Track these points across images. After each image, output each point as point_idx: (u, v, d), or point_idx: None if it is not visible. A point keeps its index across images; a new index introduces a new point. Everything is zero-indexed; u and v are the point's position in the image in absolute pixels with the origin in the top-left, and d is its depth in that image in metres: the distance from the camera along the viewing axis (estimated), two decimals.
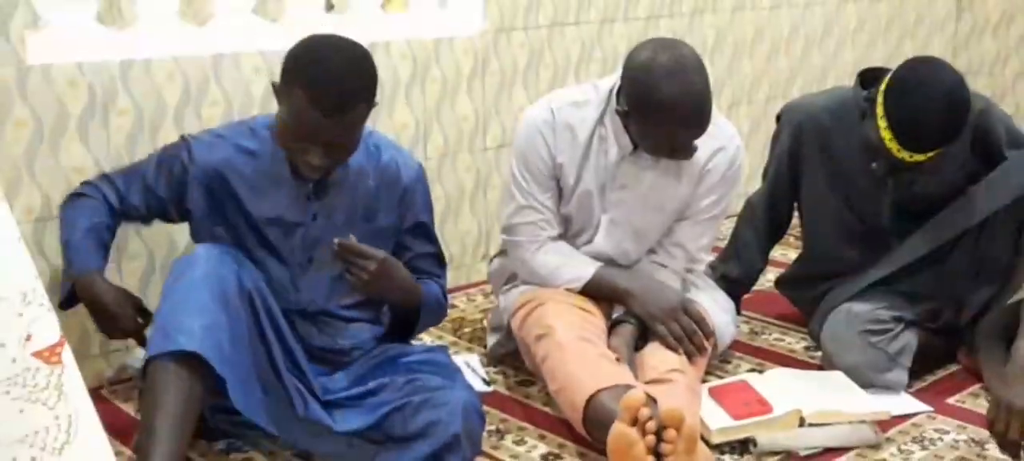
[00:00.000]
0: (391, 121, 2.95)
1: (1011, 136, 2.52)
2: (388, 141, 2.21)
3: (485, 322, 2.82)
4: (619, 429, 1.91)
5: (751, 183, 2.81)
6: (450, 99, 3.07)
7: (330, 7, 2.93)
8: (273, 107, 2.06)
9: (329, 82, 1.89)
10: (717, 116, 2.37)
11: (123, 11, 2.51)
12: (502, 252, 2.63)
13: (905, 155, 2.29)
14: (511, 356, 2.56)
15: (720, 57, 3.75)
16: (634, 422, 1.91)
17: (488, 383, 2.49)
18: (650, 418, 1.89)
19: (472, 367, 2.54)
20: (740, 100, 3.86)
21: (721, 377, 2.47)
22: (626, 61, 2.29)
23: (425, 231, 2.22)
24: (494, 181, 3.20)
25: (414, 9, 3.06)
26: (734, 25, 3.77)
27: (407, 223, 2.18)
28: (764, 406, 2.21)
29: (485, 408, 2.24)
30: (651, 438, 1.88)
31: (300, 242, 2.09)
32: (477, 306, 3.02)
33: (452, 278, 3.13)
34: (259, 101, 2.65)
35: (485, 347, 2.66)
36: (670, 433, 1.88)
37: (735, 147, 2.44)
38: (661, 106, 2.19)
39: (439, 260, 2.28)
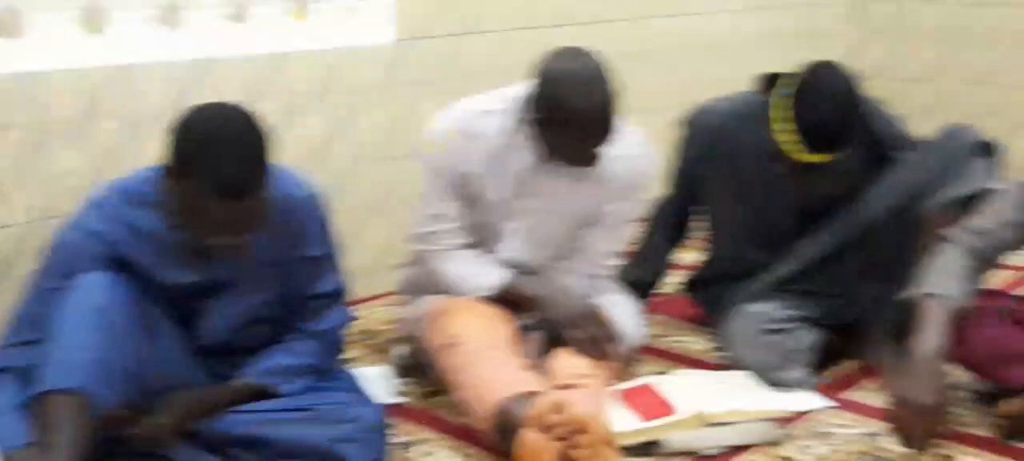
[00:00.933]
0: (298, 133, 2.92)
1: (900, 138, 2.61)
2: (280, 171, 1.98)
3: (394, 333, 2.80)
4: (528, 436, 1.92)
5: (657, 189, 2.85)
6: (359, 109, 3.05)
7: (236, 18, 2.89)
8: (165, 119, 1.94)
9: (234, 165, 1.78)
10: (624, 124, 2.41)
11: (18, 21, 2.44)
12: (411, 262, 2.62)
13: (806, 156, 2.36)
14: (420, 367, 2.55)
15: (624, 65, 3.77)
16: (544, 429, 1.92)
17: (397, 394, 2.48)
18: (559, 424, 1.90)
19: (380, 379, 2.52)
20: (644, 107, 3.89)
21: (629, 381, 2.50)
22: (536, 70, 2.31)
23: (319, 265, 2.07)
24: (403, 191, 3.19)
25: (322, 19, 3.04)
26: (637, 33, 3.82)
27: (298, 254, 2.06)
28: (669, 408, 2.25)
29: (394, 420, 2.24)
30: (560, 444, 1.90)
31: (203, 294, 2.03)
32: (385, 317, 3.00)
33: (360, 289, 3.11)
34: (159, 112, 2.59)
35: (394, 358, 2.65)
36: (579, 438, 1.90)
37: (642, 154, 2.48)
38: (570, 115, 2.21)
39: (332, 298, 2.11)
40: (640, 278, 2.81)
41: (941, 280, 2.25)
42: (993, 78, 4.39)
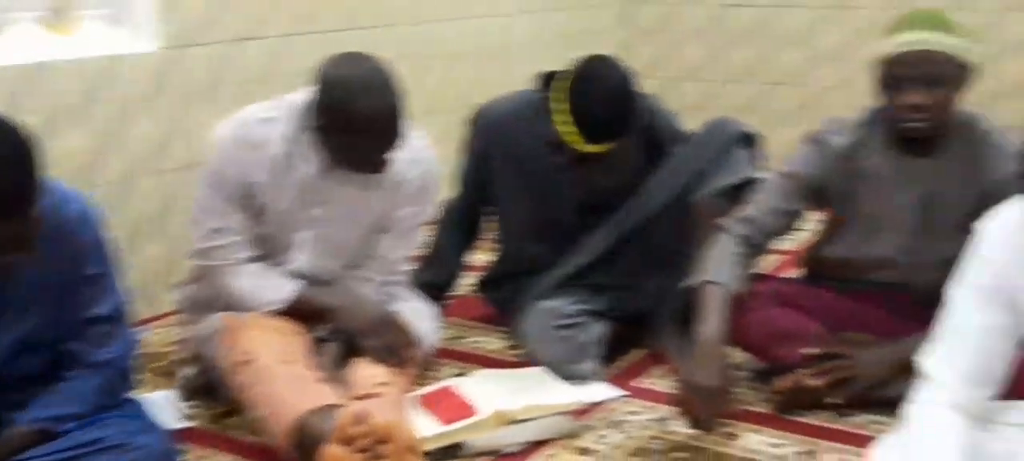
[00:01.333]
0: (61, 148, 2.74)
1: (675, 134, 2.74)
2: (52, 186, 1.83)
3: (179, 354, 2.68)
4: (332, 451, 1.88)
5: (443, 191, 2.86)
6: (127, 120, 2.90)
7: None
8: None
9: (2, 180, 1.61)
10: (410, 128, 2.40)
11: None
12: (193, 278, 2.51)
13: (584, 147, 2.43)
14: (210, 387, 2.45)
15: (404, 69, 3.75)
16: (346, 441, 1.88)
17: (185, 418, 2.37)
18: (363, 435, 1.87)
19: (166, 403, 2.40)
20: (426, 111, 3.91)
21: (428, 385, 2.49)
22: (317, 76, 2.26)
23: (97, 285, 1.92)
24: (180, 204, 3.06)
25: (82, 28, 2.87)
26: (416, 37, 3.83)
27: (74, 274, 1.90)
28: (470, 409, 2.26)
29: (184, 445, 2.14)
30: (364, 455, 1.87)
31: None
32: (168, 338, 2.87)
33: (139, 310, 2.94)
34: None
35: (180, 380, 2.53)
36: (384, 448, 1.88)
37: (429, 158, 2.47)
38: (355, 122, 2.18)
39: (113, 321, 1.95)
40: (433, 281, 2.81)
41: (717, 267, 2.37)
42: (752, 75, 4.68)
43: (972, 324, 1.75)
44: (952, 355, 1.76)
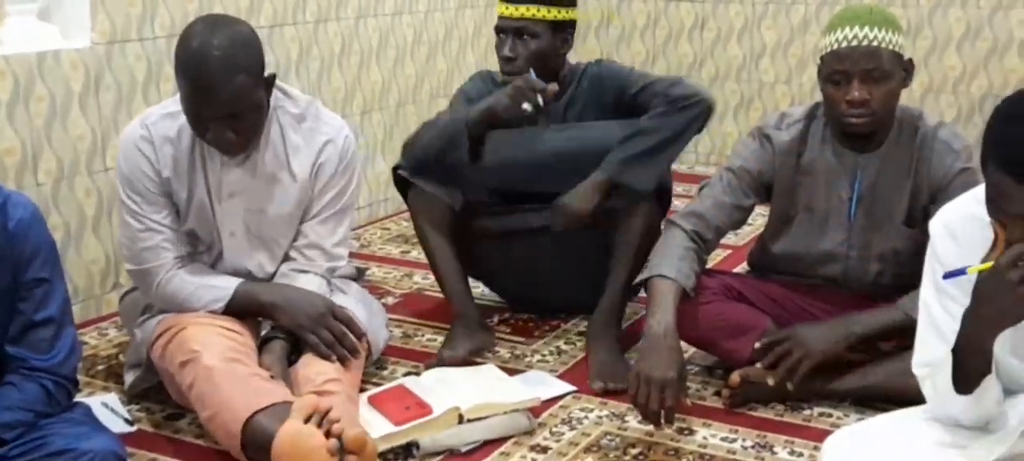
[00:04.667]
0: None
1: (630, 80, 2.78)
2: None
3: (121, 357, 2.61)
4: (292, 427, 1.86)
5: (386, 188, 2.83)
6: (61, 118, 2.81)
7: None
8: None
9: None
10: (322, 110, 2.36)
11: None
12: (134, 289, 2.44)
13: (503, 10, 2.70)
14: (154, 390, 2.39)
15: (348, 64, 3.75)
16: (308, 419, 1.87)
17: (131, 422, 2.31)
18: (329, 410, 1.86)
19: (111, 407, 2.34)
20: (372, 107, 3.88)
21: (379, 384, 2.45)
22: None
23: (44, 287, 1.84)
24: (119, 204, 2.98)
25: (10, 23, 2.77)
26: (359, 33, 3.78)
27: (24, 278, 1.83)
28: (424, 408, 2.23)
29: (131, 450, 2.09)
30: (334, 441, 1.85)
31: None
32: (110, 341, 2.79)
33: (79, 313, 2.87)
34: None
35: (124, 384, 2.46)
36: (351, 459, 1.87)
37: (344, 137, 2.38)
38: (182, 66, 2.11)
39: (57, 324, 1.86)
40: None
41: (668, 262, 2.37)
42: (695, 70, 4.71)
43: (947, 322, 1.76)
44: (935, 350, 1.77)
